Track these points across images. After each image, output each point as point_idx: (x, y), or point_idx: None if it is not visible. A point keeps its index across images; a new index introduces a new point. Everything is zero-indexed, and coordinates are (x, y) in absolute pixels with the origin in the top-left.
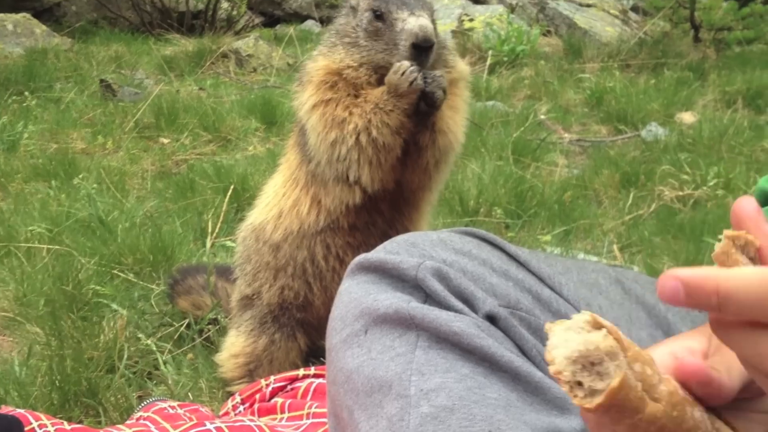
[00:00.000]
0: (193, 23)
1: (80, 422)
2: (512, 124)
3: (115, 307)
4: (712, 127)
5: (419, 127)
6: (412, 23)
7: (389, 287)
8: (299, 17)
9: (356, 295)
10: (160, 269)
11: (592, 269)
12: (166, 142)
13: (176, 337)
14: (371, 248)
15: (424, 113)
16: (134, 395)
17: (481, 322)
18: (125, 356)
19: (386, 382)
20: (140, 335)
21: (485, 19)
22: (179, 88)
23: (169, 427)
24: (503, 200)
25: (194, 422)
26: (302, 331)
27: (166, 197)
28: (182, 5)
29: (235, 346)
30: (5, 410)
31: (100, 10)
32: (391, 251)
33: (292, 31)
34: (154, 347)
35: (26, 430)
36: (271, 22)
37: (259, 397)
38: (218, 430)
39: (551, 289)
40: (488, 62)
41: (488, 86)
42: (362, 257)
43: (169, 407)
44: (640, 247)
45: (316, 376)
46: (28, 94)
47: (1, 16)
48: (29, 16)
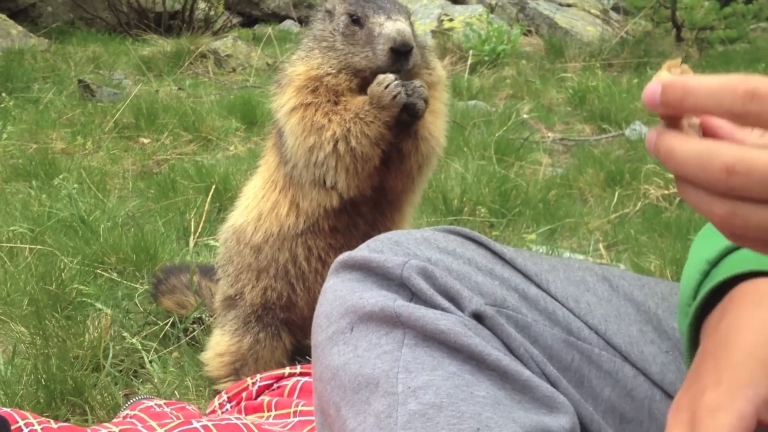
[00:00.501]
0: (170, 23)
1: (67, 421)
2: (495, 123)
3: (99, 306)
4: None
5: (401, 135)
6: (389, 28)
7: (374, 285)
8: (277, 17)
9: (341, 293)
10: (143, 269)
11: (578, 267)
12: (146, 142)
13: (161, 336)
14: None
15: (406, 123)
16: (120, 394)
17: (467, 320)
18: (110, 355)
19: (373, 379)
20: (125, 334)
21: (465, 19)
22: (158, 88)
23: (156, 425)
24: (487, 199)
25: (181, 420)
26: (287, 330)
27: (147, 197)
28: (159, 6)
29: (220, 345)
30: None
31: (76, 10)
32: (375, 249)
33: (270, 31)
34: (139, 346)
35: (13, 429)
36: (249, 22)
37: (245, 395)
38: (205, 428)
39: (538, 286)
40: (469, 62)
41: (470, 86)
42: (346, 255)
43: (155, 405)
44: (626, 245)
45: (302, 374)
46: (5, 95)
47: None
48: (5, 17)
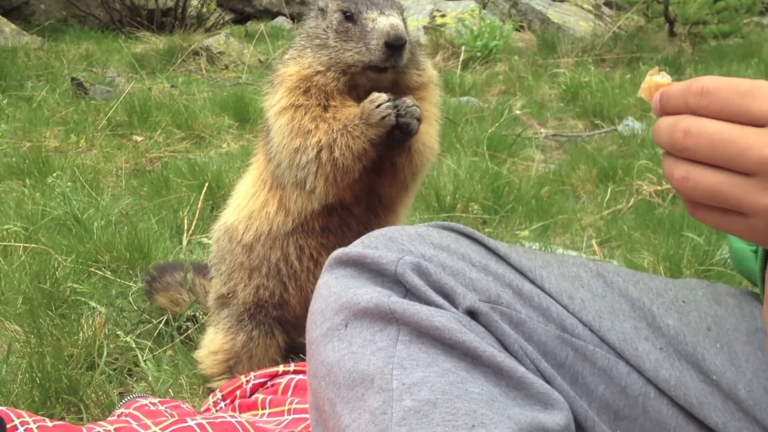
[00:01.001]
0: (162, 21)
1: (62, 419)
2: (487, 119)
3: (93, 304)
4: None
5: (395, 150)
6: (382, 22)
7: (369, 282)
8: (270, 14)
9: (336, 289)
10: (137, 267)
11: (572, 263)
12: (139, 139)
13: (155, 334)
14: None
15: (399, 140)
16: (115, 392)
17: (462, 317)
18: (105, 353)
19: (368, 375)
20: (119, 332)
21: (457, 14)
22: (151, 85)
23: (150, 423)
24: (480, 196)
25: (175, 419)
26: (280, 328)
27: (141, 195)
28: (151, 3)
29: (213, 343)
30: None
31: (69, 8)
32: (369, 245)
33: (262, 27)
34: (133, 344)
35: (8, 427)
36: (241, 19)
37: (239, 393)
38: (200, 426)
39: (532, 282)
40: (461, 58)
41: (462, 82)
42: (340, 251)
43: (150, 404)
44: (619, 241)
45: (296, 372)
46: None
47: None
48: None
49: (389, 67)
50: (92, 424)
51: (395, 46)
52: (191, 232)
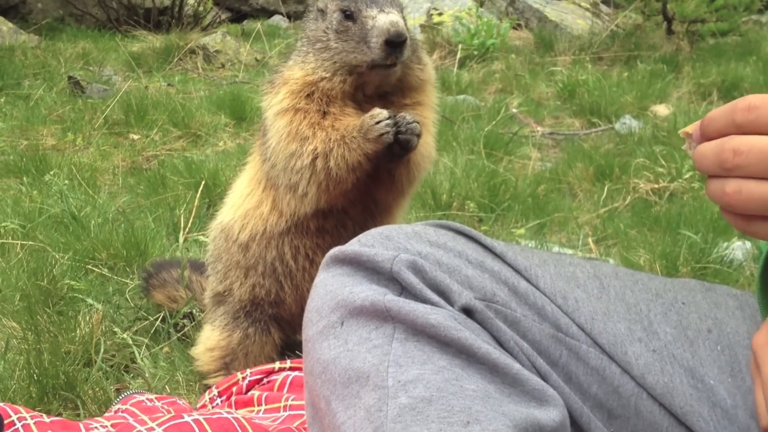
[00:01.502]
0: (159, 19)
1: (59, 415)
2: (484, 117)
3: (90, 301)
4: (687, 119)
5: (393, 162)
6: (382, 20)
7: (365, 280)
8: (266, 12)
9: (332, 287)
10: (133, 264)
11: (569, 262)
12: (136, 138)
13: (152, 331)
14: None
15: (398, 154)
16: (112, 388)
17: (457, 314)
18: (102, 350)
19: (363, 373)
20: (116, 329)
21: (454, 13)
22: (147, 84)
23: (147, 419)
24: (476, 194)
25: (172, 414)
26: (276, 325)
27: (137, 193)
28: (148, 2)
29: (210, 340)
30: None
31: (66, 7)
32: (365, 244)
33: (259, 26)
34: (130, 341)
35: (6, 423)
36: (238, 17)
37: (235, 390)
38: (196, 422)
39: (528, 281)
40: (458, 56)
41: (459, 80)
42: (337, 250)
43: (146, 400)
44: (615, 239)
45: (292, 369)
46: None
47: None
48: None
49: (391, 64)
50: (89, 419)
51: (396, 43)
52: (188, 230)
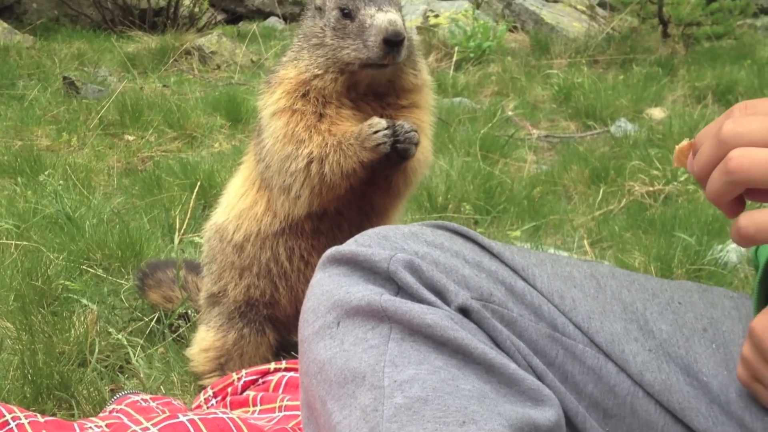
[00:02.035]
0: (155, 20)
1: (54, 415)
2: (480, 120)
3: (85, 302)
4: (682, 122)
5: (391, 169)
6: (381, 18)
7: (361, 280)
8: (262, 14)
9: (328, 287)
10: (128, 265)
11: (566, 263)
12: (131, 139)
13: (147, 331)
14: None
15: (395, 162)
16: (106, 389)
17: (454, 314)
18: (96, 350)
19: (359, 373)
20: (111, 330)
21: (450, 15)
22: (143, 85)
23: (142, 419)
24: (472, 196)
25: (167, 414)
26: (271, 326)
27: (132, 194)
28: (143, 2)
29: (205, 340)
30: None
31: (61, 7)
32: (362, 244)
33: (255, 27)
34: (125, 341)
35: (0, 422)
36: (233, 19)
37: (231, 390)
38: (191, 422)
39: (525, 281)
40: (454, 58)
41: (455, 83)
42: (334, 249)
43: (141, 400)
44: (610, 242)
45: (287, 369)
46: None
47: None
48: None
49: (387, 63)
50: (84, 420)
51: (394, 42)
52: (183, 231)
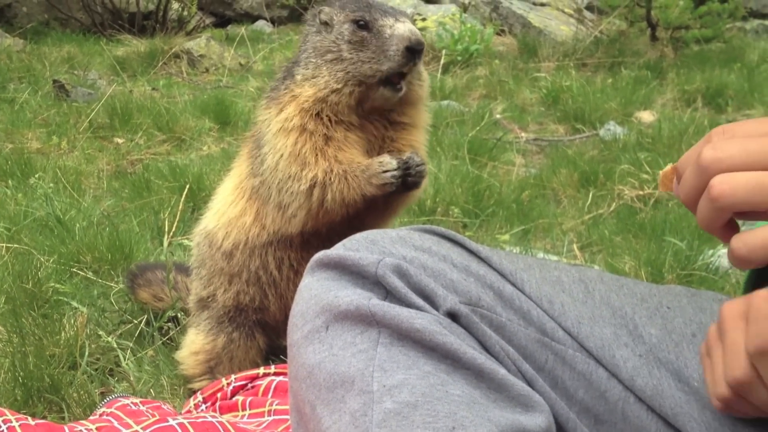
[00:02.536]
0: (144, 24)
1: (44, 418)
2: (468, 123)
3: (75, 304)
4: (671, 126)
5: (392, 195)
6: (401, 28)
7: (349, 284)
8: (250, 17)
9: (316, 291)
10: (118, 267)
11: (554, 267)
12: (120, 142)
13: (137, 334)
14: None
15: (400, 192)
16: (97, 392)
17: (442, 319)
18: (86, 353)
19: (348, 377)
20: (101, 332)
21: (438, 18)
22: (132, 88)
23: (132, 422)
24: (460, 200)
25: (157, 418)
26: (260, 330)
27: (122, 196)
28: (133, 6)
29: (195, 344)
30: None
31: (51, 11)
32: (350, 248)
33: (243, 31)
34: (114, 344)
35: None
36: (222, 22)
37: (220, 395)
38: (181, 426)
39: (513, 285)
40: (442, 62)
41: (442, 86)
42: (322, 254)
43: (131, 403)
44: (600, 246)
45: (276, 374)
46: None
47: None
48: None
49: (406, 73)
50: (74, 423)
51: (416, 50)
52: (172, 233)
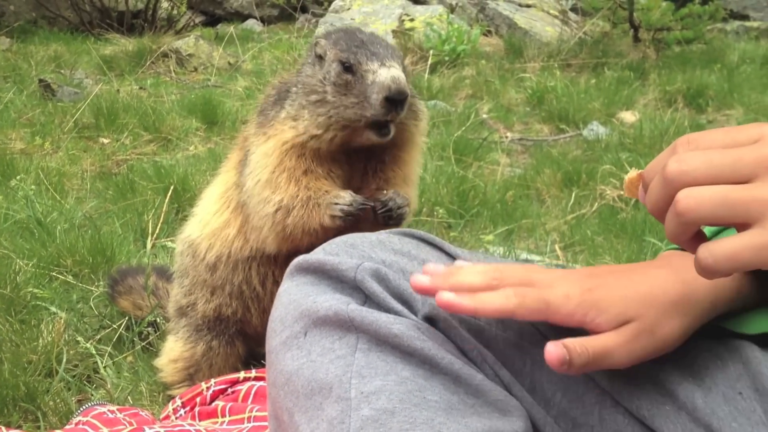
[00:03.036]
0: (133, 23)
1: (19, 427)
2: (454, 123)
3: (53, 309)
4: (653, 126)
5: (378, 226)
6: (384, 75)
7: (328, 289)
8: (240, 16)
9: (295, 296)
10: (99, 271)
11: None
12: (106, 142)
13: (116, 339)
14: None
15: (382, 226)
16: (73, 399)
17: (420, 324)
18: (64, 360)
19: (326, 384)
20: (79, 338)
21: (425, 19)
22: (119, 87)
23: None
24: (445, 200)
25: (134, 427)
26: (241, 339)
27: (106, 198)
28: (122, 5)
29: (173, 351)
30: None
31: (38, 9)
32: (330, 252)
33: (233, 30)
34: (93, 351)
35: None
36: (211, 21)
37: (199, 400)
38: None
39: None
40: (429, 62)
41: (429, 86)
42: (301, 258)
43: (108, 412)
44: (582, 246)
45: (257, 379)
46: None
47: None
48: None
49: (390, 121)
50: None
51: (396, 100)
52: (155, 235)
